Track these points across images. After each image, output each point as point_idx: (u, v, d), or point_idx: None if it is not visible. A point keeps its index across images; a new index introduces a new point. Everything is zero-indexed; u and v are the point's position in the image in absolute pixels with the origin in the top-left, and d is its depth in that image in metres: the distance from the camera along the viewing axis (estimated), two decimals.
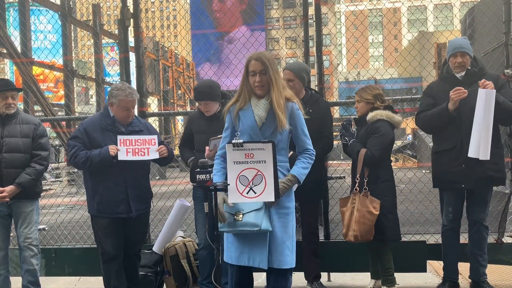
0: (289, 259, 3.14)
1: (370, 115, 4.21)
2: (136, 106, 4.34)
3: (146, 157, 4.03)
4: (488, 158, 3.87)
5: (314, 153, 3.29)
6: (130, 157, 3.96)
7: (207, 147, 4.09)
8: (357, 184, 4.17)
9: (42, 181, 4.72)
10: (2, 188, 4.16)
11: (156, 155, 4.07)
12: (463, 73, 4.06)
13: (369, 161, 4.12)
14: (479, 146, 3.87)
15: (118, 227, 4.07)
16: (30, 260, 4.30)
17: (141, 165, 4.12)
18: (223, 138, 3.36)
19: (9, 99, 4.27)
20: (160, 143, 4.13)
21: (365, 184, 4.13)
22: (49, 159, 4.49)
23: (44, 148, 4.38)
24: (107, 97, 4.15)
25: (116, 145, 3.96)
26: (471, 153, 3.91)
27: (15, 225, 4.37)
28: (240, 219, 3.04)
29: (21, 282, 4.38)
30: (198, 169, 2.95)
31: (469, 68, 4.05)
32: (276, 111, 3.11)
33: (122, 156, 3.94)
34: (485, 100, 3.84)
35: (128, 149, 3.97)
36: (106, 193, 3.98)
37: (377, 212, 4.05)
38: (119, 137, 3.99)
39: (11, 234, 4.53)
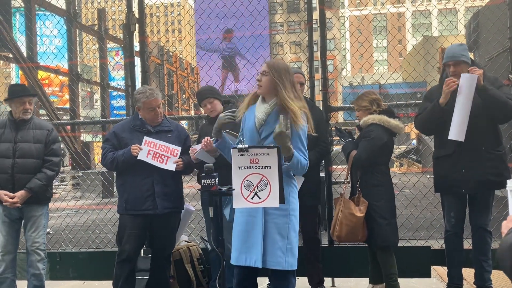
0: (281, 260, 3.12)
1: (363, 120, 4.22)
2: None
3: (162, 165, 4.03)
4: (463, 140, 3.85)
5: (306, 168, 3.26)
6: (149, 160, 4.00)
7: (193, 147, 4.13)
8: (345, 186, 4.20)
9: None
10: (13, 194, 4.18)
11: (172, 167, 4.06)
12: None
13: (356, 163, 4.15)
14: (458, 128, 3.85)
15: (143, 228, 4.09)
16: (37, 265, 4.32)
17: None
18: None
19: (27, 105, 4.31)
20: (187, 148, 4.17)
21: (358, 186, 4.14)
22: (60, 165, 4.51)
23: (56, 154, 4.41)
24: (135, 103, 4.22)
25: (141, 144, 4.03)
26: (451, 136, 3.89)
27: (24, 228, 4.38)
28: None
29: (27, 286, 4.39)
30: (203, 174, 2.96)
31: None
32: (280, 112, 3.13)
33: (142, 156, 3.99)
34: (466, 83, 3.83)
35: (150, 150, 4.02)
36: (133, 190, 4.05)
37: (362, 214, 4.03)
38: (146, 138, 4.05)
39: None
